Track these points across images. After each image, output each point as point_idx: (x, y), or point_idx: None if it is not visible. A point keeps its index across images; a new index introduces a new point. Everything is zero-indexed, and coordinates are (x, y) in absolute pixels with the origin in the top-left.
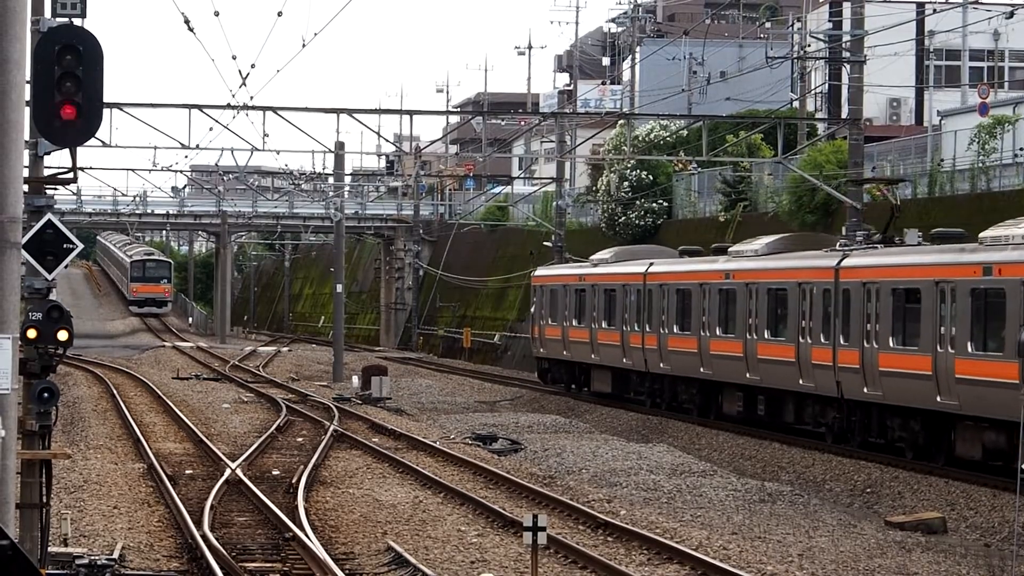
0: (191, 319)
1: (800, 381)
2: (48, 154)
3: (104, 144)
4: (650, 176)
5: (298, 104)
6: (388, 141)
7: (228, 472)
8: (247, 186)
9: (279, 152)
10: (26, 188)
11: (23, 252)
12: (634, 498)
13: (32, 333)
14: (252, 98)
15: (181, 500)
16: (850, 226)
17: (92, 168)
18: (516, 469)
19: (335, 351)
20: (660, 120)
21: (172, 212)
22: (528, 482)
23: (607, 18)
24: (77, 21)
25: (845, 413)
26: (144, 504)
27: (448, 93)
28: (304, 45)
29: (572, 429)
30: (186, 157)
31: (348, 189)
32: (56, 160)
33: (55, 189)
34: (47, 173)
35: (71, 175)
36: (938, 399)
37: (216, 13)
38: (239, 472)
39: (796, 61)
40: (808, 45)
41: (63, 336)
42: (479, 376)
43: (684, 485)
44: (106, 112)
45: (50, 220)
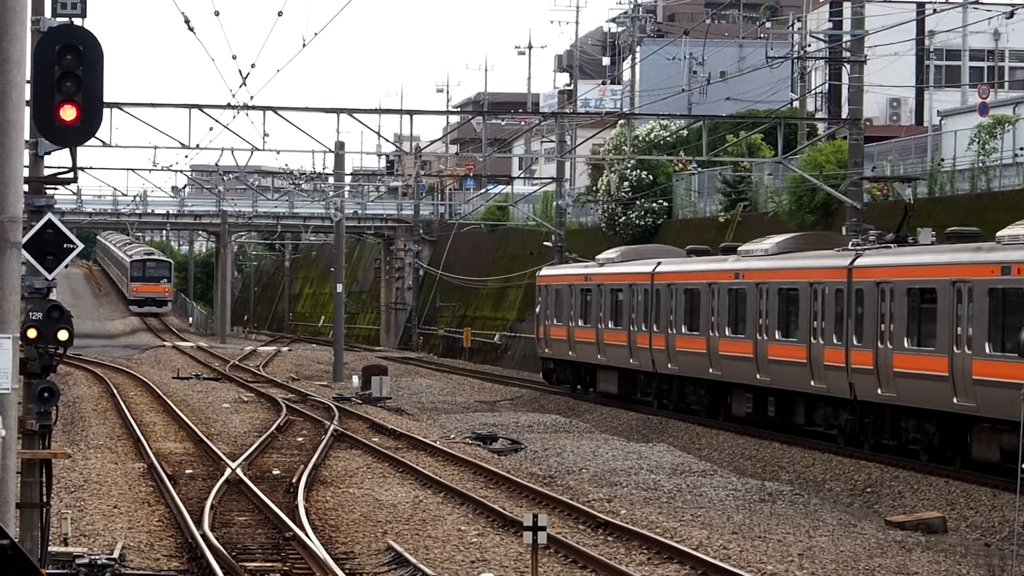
0: (191, 319)
1: (812, 382)
2: (48, 154)
3: (104, 144)
4: (650, 176)
5: (298, 104)
6: (388, 141)
7: (228, 472)
8: (247, 186)
9: (279, 152)
10: (26, 188)
11: (23, 252)
12: (634, 498)
13: (32, 333)
14: (252, 98)
15: (181, 500)
16: (850, 226)
17: (92, 168)
18: (516, 469)
19: (335, 351)
20: (660, 120)
21: (172, 212)
22: (528, 482)
23: (607, 18)
24: (77, 21)
25: (858, 415)
26: (144, 504)
27: (448, 93)
28: (304, 45)
29: (572, 429)
30: (186, 157)
31: (348, 189)
32: (56, 160)
33: (55, 189)
34: (47, 173)
35: (71, 175)
36: (955, 401)
37: (216, 13)
38: (239, 472)
39: (796, 61)
40: (808, 45)
41: (63, 336)
42: (479, 376)
43: (684, 485)
44: (106, 112)
45: (50, 220)
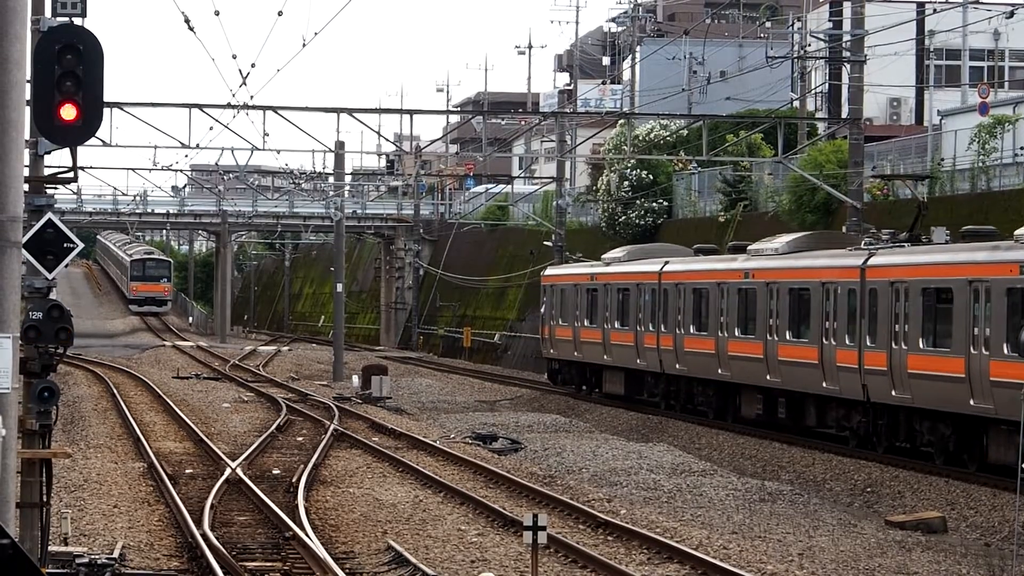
0: (191, 318)
1: (824, 383)
2: (48, 153)
3: (104, 143)
4: (650, 176)
5: (298, 103)
6: (388, 140)
7: (228, 471)
8: (247, 185)
9: (279, 151)
10: (26, 187)
11: (23, 251)
12: (634, 497)
13: (32, 332)
14: (252, 97)
15: (181, 499)
16: (850, 225)
17: (92, 167)
18: (516, 468)
19: (335, 350)
20: (660, 120)
21: (172, 211)
22: (528, 481)
23: (607, 18)
24: (77, 20)
25: (871, 417)
26: (144, 503)
27: (448, 93)
28: (304, 44)
29: (572, 428)
30: (186, 156)
31: (348, 189)
32: (56, 159)
33: (55, 188)
34: (47, 172)
35: (71, 174)
36: (971, 403)
37: (216, 12)
38: (239, 471)
39: (796, 61)
40: (808, 45)
41: (63, 335)
42: (479, 376)
43: (684, 484)
44: (106, 111)
45: (50, 219)
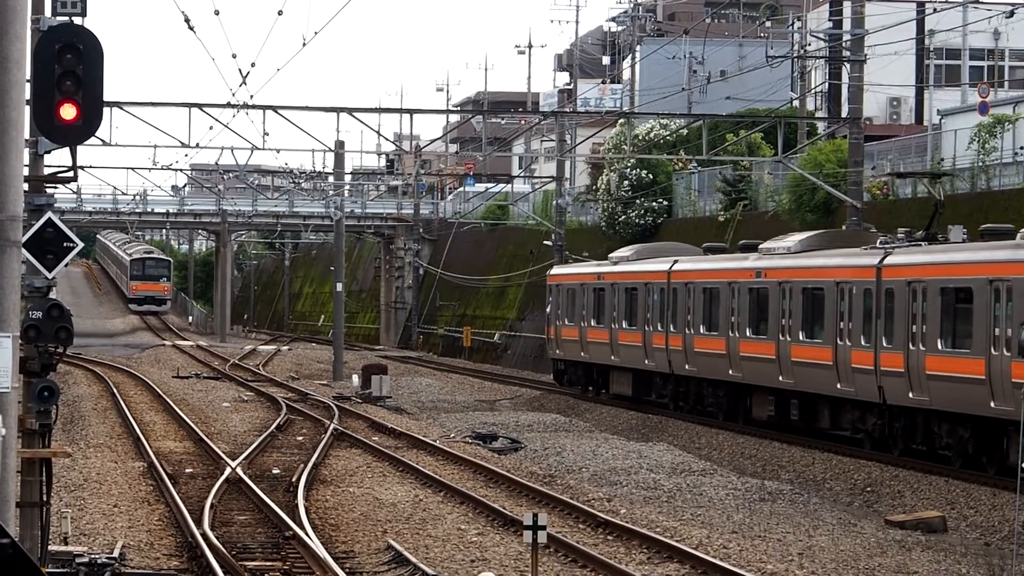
0: (191, 318)
1: (838, 385)
2: (48, 153)
3: (104, 143)
4: (650, 175)
5: (298, 103)
6: (388, 140)
7: (228, 471)
8: (247, 185)
9: (279, 151)
10: (26, 187)
11: (23, 251)
12: (634, 497)
13: (32, 332)
14: (252, 97)
15: (181, 499)
16: (850, 225)
17: (92, 167)
18: (516, 468)
19: (335, 350)
20: (660, 119)
21: (172, 211)
22: (528, 481)
23: (607, 17)
24: (77, 20)
25: (887, 419)
26: (144, 503)
27: (448, 92)
28: (304, 44)
29: (572, 428)
30: (186, 156)
31: (348, 188)
32: (56, 159)
33: (55, 188)
34: (47, 172)
35: (71, 174)
36: (992, 405)
37: (216, 12)
38: (239, 471)
39: (796, 60)
40: (808, 44)
41: (63, 335)
42: (479, 375)
43: (684, 484)
44: (106, 111)
45: (50, 219)
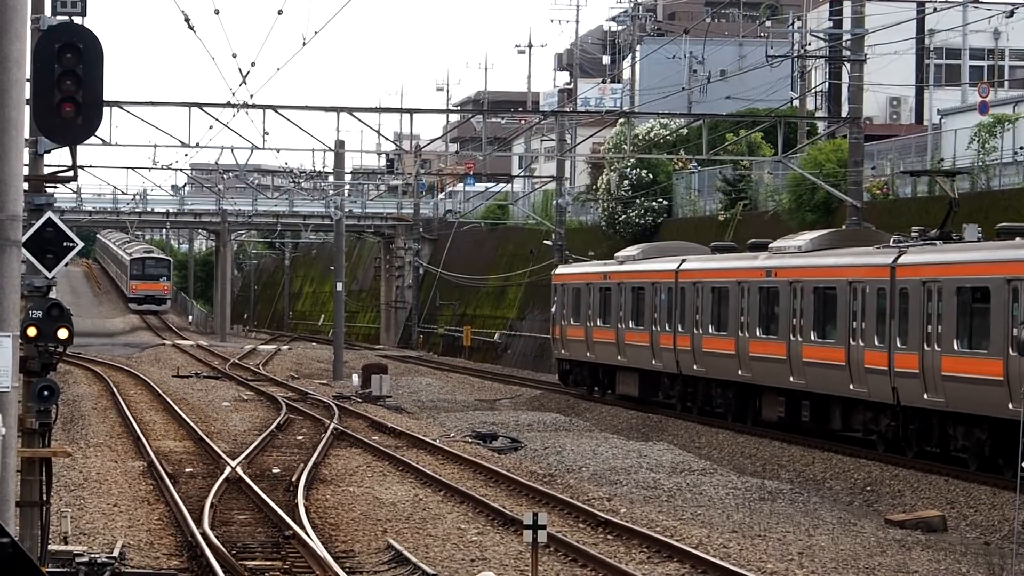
0: (191, 317)
1: (851, 386)
2: (48, 152)
3: (104, 142)
4: (650, 175)
5: (298, 102)
6: (388, 139)
7: (228, 470)
8: (247, 184)
9: (279, 150)
10: (26, 186)
11: (23, 250)
12: (634, 496)
13: (32, 331)
14: (252, 96)
15: (181, 498)
16: (850, 224)
17: (92, 166)
18: (516, 467)
19: (335, 349)
20: (660, 119)
21: (172, 210)
22: (528, 480)
23: (607, 17)
24: (77, 19)
25: (901, 421)
26: (144, 502)
27: (448, 91)
28: (304, 43)
29: (572, 427)
30: (186, 155)
31: (348, 188)
32: (56, 158)
33: (55, 187)
34: (47, 171)
35: (71, 173)
36: (1010, 406)
37: (216, 11)
38: (239, 470)
39: (796, 60)
40: (808, 44)
41: (63, 334)
42: (479, 374)
43: (684, 483)
44: (106, 110)
45: (50, 218)
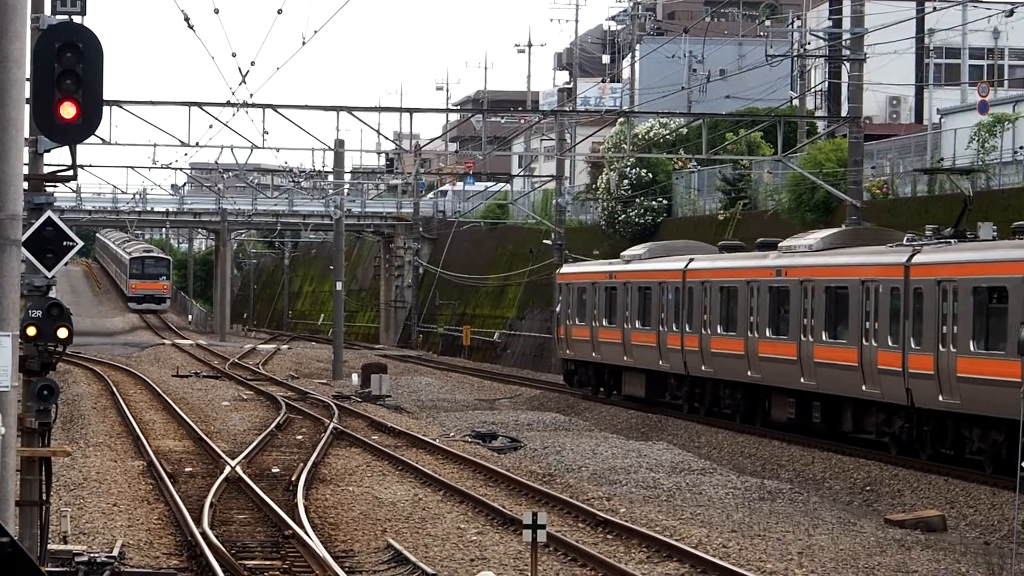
0: (191, 317)
1: (863, 387)
2: (48, 151)
3: (104, 142)
4: (650, 174)
5: (298, 102)
6: (388, 139)
7: (228, 470)
8: (247, 184)
9: (279, 150)
10: (26, 185)
11: (23, 249)
12: (633, 496)
13: (32, 330)
14: (252, 96)
15: (181, 498)
16: (850, 223)
17: (92, 166)
18: (516, 467)
19: (335, 349)
20: (660, 118)
21: (172, 210)
22: (528, 480)
23: (607, 16)
24: (77, 18)
25: (915, 422)
26: (144, 502)
27: (448, 91)
28: (304, 43)
29: (571, 427)
30: (186, 155)
31: (348, 187)
32: (56, 158)
33: (55, 186)
34: (47, 170)
35: (71, 172)
36: None
37: (216, 10)
38: (239, 470)
39: (796, 59)
40: (808, 43)
41: (63, 334)
42: (479, 374)
43: (683, 483)
44: (106, 110)
45: (50, 217)
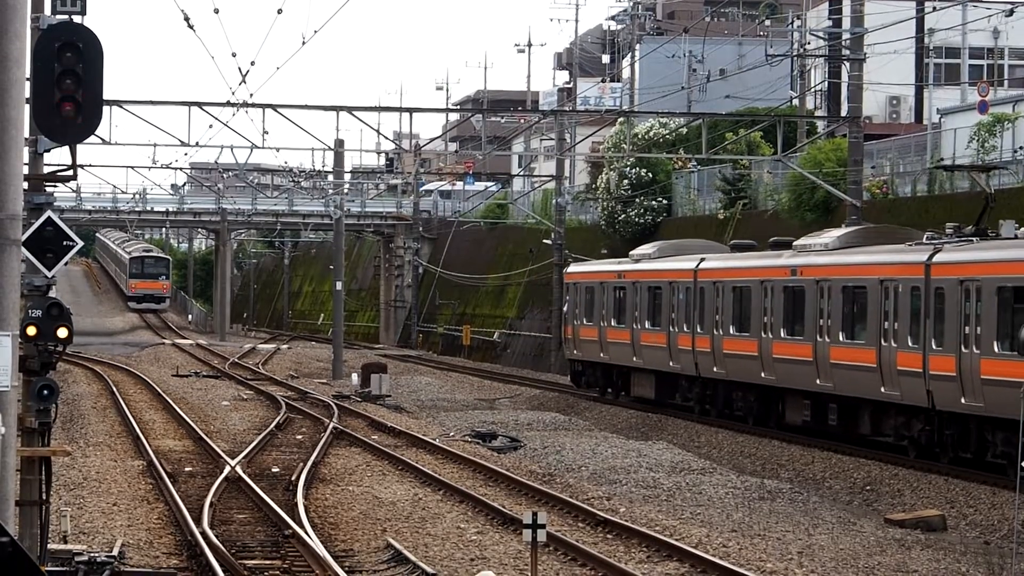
0: (191, 316)
1: (882, 389)
2: (48, 151)
3: (104, 141)
4: (650, 174)
5: (298, 101)
6: (388, 139)
7: (228, 469)
8: (247, 184)
9: (279, 149)
10: (26, 185)
11: (23, 249)
12: (633, 496)
13: (32, 330)
14: (252, 95)
15: (181, 497)
16: (849, 223)
17: (92, 165)
18: (515, 467)
19: (334, 348)
20: (660, 118)
21: (172, 209)
22: (528, 480)
23: (607, 16)
24: (77, 18)
25: (936, 425)
26: (144, 501)
27: (448, 91)
28: (304, 42)
29: (571, 427)
30: (186, 154)
31: (348, 187)
32: (56, 157)
33: (55, 186)
34: (47, 170)
35: (71, 172)
36: None
37: (216, 10)
38: (239, 469)
39: (796, 59)
40: (808, 43)
41: (63, 333)
42: (478, 374)
43: (683, 483)
44: (106, 109)
45: (50, 217)
